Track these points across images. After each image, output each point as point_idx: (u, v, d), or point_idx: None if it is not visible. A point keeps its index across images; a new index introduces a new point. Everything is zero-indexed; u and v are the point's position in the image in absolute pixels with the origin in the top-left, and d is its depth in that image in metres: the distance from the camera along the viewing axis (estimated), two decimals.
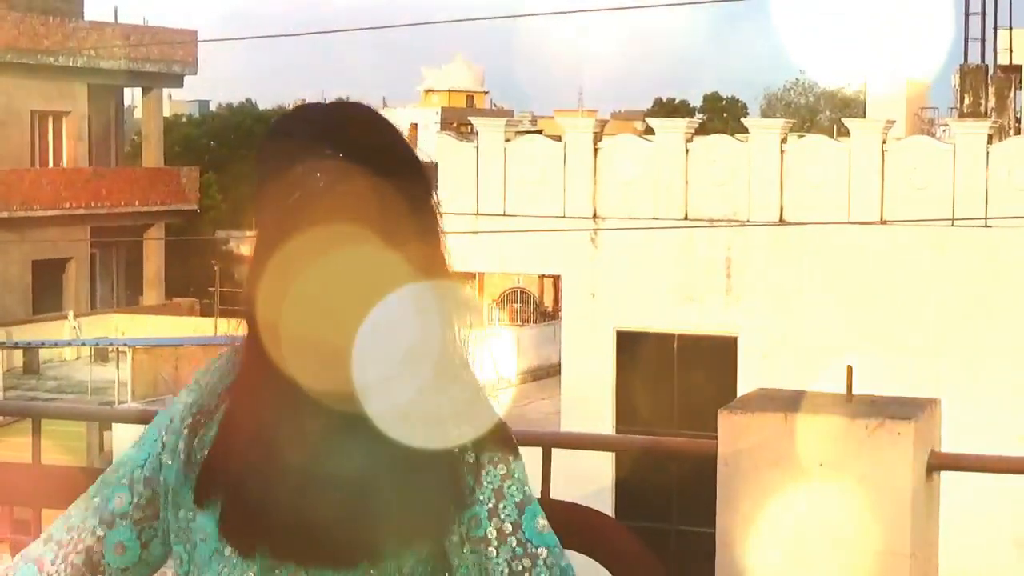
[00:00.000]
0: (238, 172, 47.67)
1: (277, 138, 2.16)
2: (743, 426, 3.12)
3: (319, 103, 2.26)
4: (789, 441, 3.08)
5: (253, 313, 2.10)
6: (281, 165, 2.10)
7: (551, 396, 31.35)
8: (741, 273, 22.26)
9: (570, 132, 23.69)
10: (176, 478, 2.14)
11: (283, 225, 2.07)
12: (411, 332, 2.13)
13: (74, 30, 44.48)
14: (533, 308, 54.19)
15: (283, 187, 2.08)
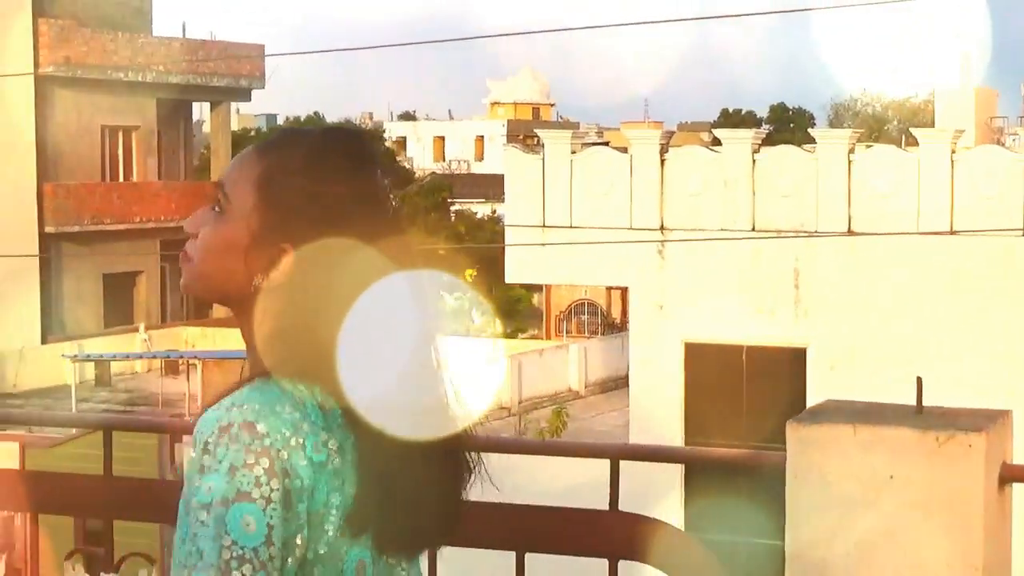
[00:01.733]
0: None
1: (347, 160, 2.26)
2: (812, 438, 3.11)
3: (346, 126, 2.42)
4: (858, 453, 3.07)
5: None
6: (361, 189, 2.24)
7: (619, 408, 31.30)
8: (809, 284, 22.15)
9: (636, 143, 23.66)
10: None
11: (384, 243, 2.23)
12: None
13: (143, 45, 44.86)
14: (600, 320, 54.14)
15: (371, 206, 2.23)
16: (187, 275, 2.28)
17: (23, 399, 35.76)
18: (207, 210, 2.27)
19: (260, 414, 2.12)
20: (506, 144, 28.92)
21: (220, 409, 2.14)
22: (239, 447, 2.09)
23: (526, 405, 35.82)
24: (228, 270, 2.22)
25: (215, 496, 2.07)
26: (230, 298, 2.26)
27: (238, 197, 2.24)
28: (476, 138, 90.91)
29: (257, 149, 2.29)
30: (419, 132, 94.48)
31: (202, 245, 2.25)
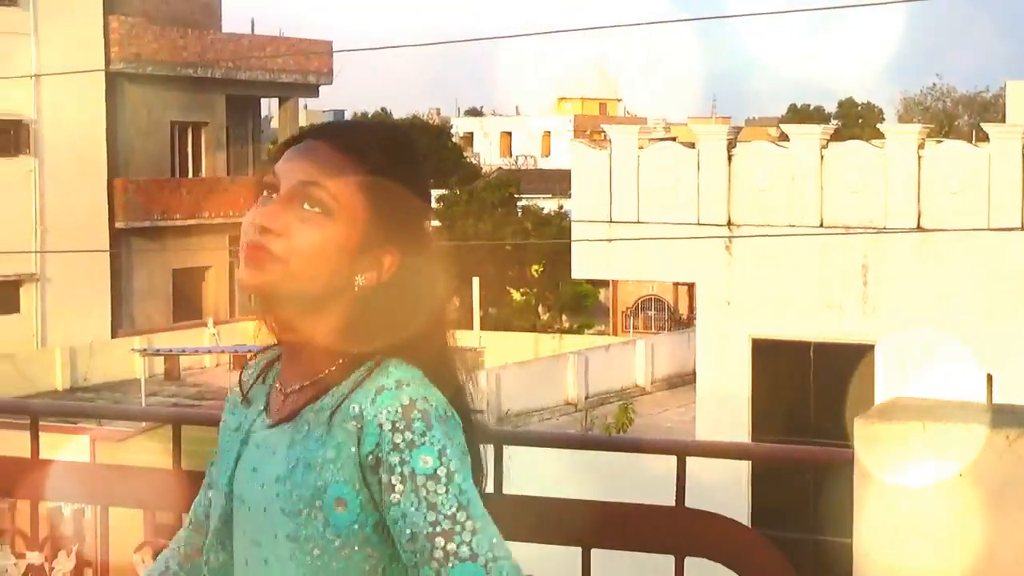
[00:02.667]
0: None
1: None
2: (880, 435, 3.09)
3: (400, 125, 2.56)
4: (927, 451, 3.05)
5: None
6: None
7: (686, 404, 31.23)
8: (878, 280, 22.02)
9: (704, 139, 23.60)
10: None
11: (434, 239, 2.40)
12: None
13: (212, 42, 45.14)
14: (667, 316, 54.03)
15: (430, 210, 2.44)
16: (274, 274, 2.26)
17: (93, 393, 36.08)
18: (299, 209, 2.27)
19: (429, 391, 2.25)
20: (573, 139, 28.91)
21: (392, 390, 2.23)
22: (434, 422, 2.21)
23: (592, 401, 35.80)
24: (332, 271, 2.27)
25: (437, 466, 2.19)
26: (317, 298, 2.29)
27: (345, 199, 2.28)
28: (543, 134, 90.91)
29: (343, 147, 2.32)
30: (486, 128, 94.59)
31: (304, 246, 2.26)
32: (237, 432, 2.41)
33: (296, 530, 2.23)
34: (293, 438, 2.29)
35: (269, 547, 2.27)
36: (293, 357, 2.36)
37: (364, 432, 2.22)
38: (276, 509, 2.25)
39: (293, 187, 2.28)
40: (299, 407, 2.31)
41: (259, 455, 2.33)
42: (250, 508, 2.30)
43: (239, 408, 2.45)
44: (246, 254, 2.28)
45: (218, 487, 2.40)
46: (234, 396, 2.47)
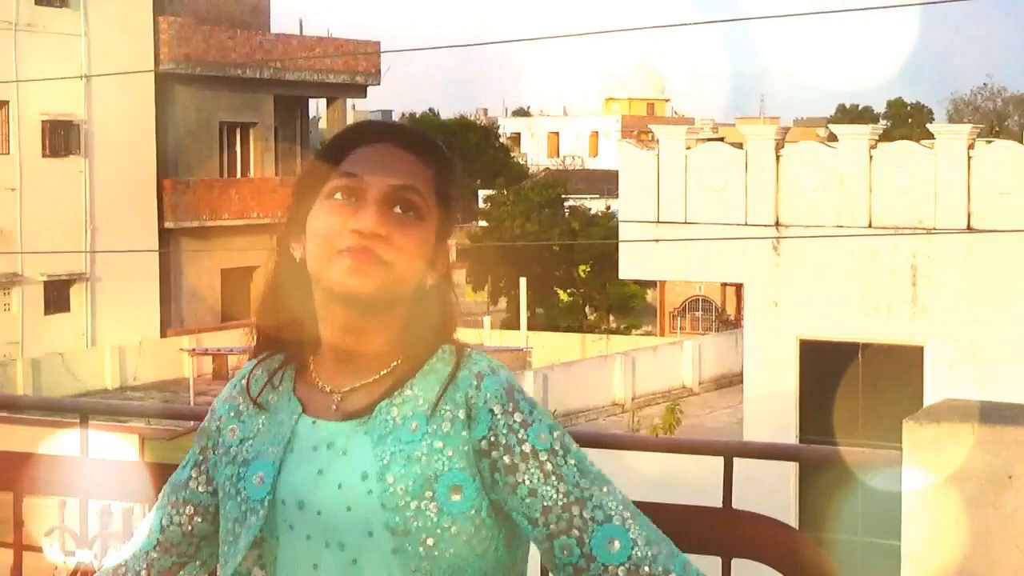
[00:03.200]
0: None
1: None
2: (929, 437, 3.08)
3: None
4: (977, 452, 3.03)
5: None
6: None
7: (733, 405, 31.18)
8: (927, 281, 21.91)
9: (752, 139, 23.53)
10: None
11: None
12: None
13: (261, 43, 45.32)
14: (715, 316, 53.92)
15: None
16: (382, 279, 2.28)
17: (142, 392, 36.30)
18: (391, 212, 2.29)
19: (510, 373, 2.35)
20: (620, 140, 28.87)
21: (491, 375, 2.31)
22: (532, 401, 2.32)
23: (639, 402, 35.79)
24: (419, 271, 2.33)
25: (552, 440, 2.28)
26: (400, 298, 2.34)
27: (429, 203, 2.34)
28: (591, 134, 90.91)
29: (415, 150, 2.36)
30: (533, 128, 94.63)
31: (406, 250, 2.29)
32: (254, 441, 2.36)
33: (404, 523, 2.23)
34: (375, 434, 2.29)
35: (359, 546, 2.25)
36: (342, 356, 2.35)
37: (475, 418, 2.27)
38: (371, 506, 2.24)
39: (387, 191, 2.30)
40: (373, 403, 2.31)
41: (322, 457, 2.30)
42: (320, 511, 2.26)
43: (248, 418, 2.40)
44: (356, 260, 2.26)
45: (245, 501, 2.32)
46: (227, 406, 2.43)
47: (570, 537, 2.23)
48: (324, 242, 2.28)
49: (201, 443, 2.46)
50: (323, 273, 2.28)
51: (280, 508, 2.30)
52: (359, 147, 2.35)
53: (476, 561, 2.26)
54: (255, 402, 2.40)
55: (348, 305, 2.29)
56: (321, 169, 2.34)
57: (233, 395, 2.44)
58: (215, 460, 2.42)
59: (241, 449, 2.37)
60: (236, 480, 2.35)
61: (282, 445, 2.33)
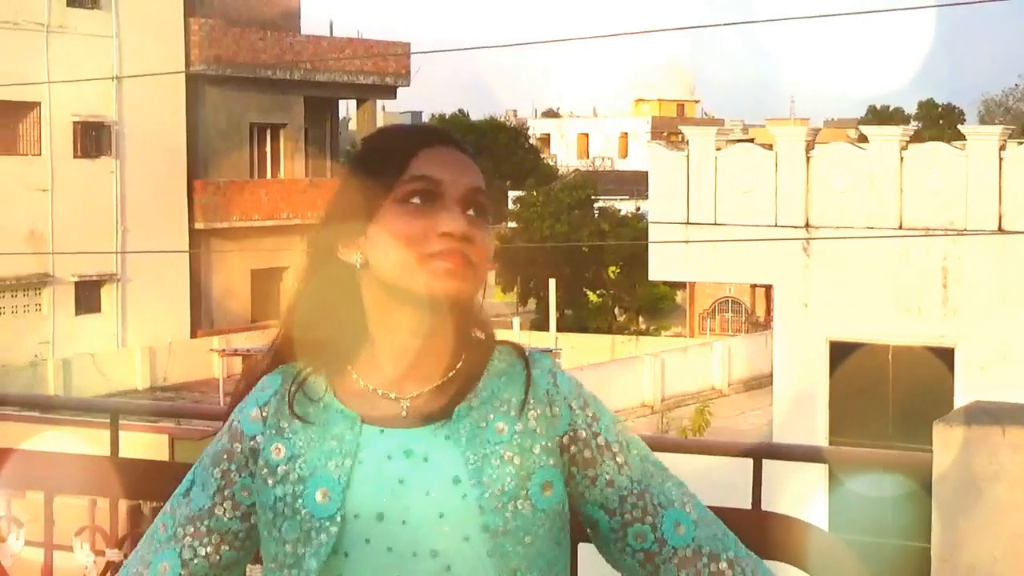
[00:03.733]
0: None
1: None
2: (959, 439, 3.07)
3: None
4: (1008, 455, 3.02)
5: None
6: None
7: (762, 407, 31.12)
8: (958, 283, 21.84)
9: (782, 140, 23.49)
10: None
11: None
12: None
13: (291, 44, 45.41)
14: (744, 318, 53.82)
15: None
16: (474, 282, 2.29)
17: (172, 392, 36.41)
18: (469, 215, 2.29)
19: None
20: (650, 141, 28.85)
21: (561, 372, 2.37)
22: (593, 394, 2.40)
23: (669, 403, 35.75)
24: (487, 272, 2.38)
25: (619, 432, 2.37)
26: (474, 299, 2.37)
27: (488, 203, 2.36)
28: (620, 135, 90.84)
29: (467, 153, 2.37)
30: (563, 129, 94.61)
31: (485, 250, 2.30)
32: (305, 458, 2.26)
33: (503, 524, 2.22)
34: (459, 437, 2.27)
35: (453, 552, 2.22)
36: (405, 361, 2.31)
37: (557, 415, 2.32)
38: (467, 510, 2.23)
39: (464, 194, 2.29)
40: (449, 406, 2.29)
41: (400, 465, 2.25)
42: (405, 521, 2.21)
43: (292, 434, 2.29)
44: (452, 263, 2.25)
45: (307, 520, 2.23)
46: (258, 425, 2.32)
47: (644, 524, 2.32)
48: (410, 246, 2.25)
49: (222, 467, 2.34)
50: (411, 278, 2.25)
51: (351, 523, 2.22)
52: (421, 151, 2.32)
53: (560, 554, 2.31)
54: (299, 417, 2.30)
55: (429, 308, 2.27)
56: (382, 173, 2.30)
57: (265, 412, 2.33)
58: (243, 483, 2.32)
59: (292, 467, 2.27)
60: (292, 499, 2.25)
61: (348, 458, 2.25)
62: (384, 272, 2.27)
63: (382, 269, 2.27)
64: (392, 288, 2.27)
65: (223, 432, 2.36)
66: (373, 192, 2.30)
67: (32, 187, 37.93)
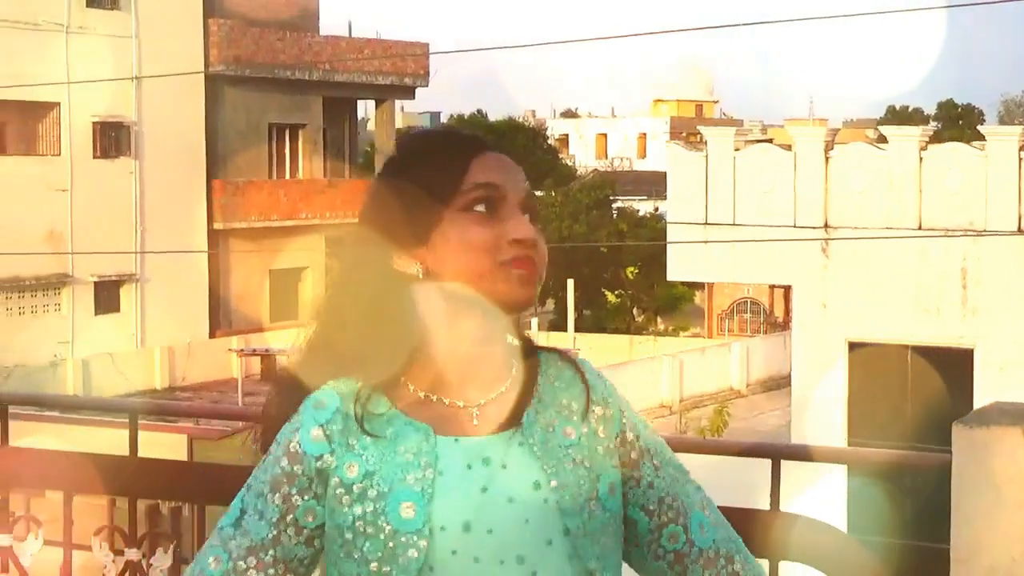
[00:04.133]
0: None
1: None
2: (979, 440, 3.06)
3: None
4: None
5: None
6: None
7: (781, 407, 31.09)
8: (977, 284, 21.79)
9: (801, 141, 23.46)
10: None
11: None
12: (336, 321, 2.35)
13: (309, 44, 45.45)
14: (763, 318, 53.73)
15: None
16: (537, 286, 2.29)
17: (191, 392, 36.46)
18: (533, 222, 2.29)
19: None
20: (669, 141, 28.84)
21: (602, 375, 2.39)
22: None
23: (687, 403, 35.73)
24: None
25: (652, 436, 2.41)
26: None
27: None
28: (639, 135, 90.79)
29: (512, 158, 2.37)
30: (581, 129, 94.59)
31: (545, 255, 2.29)
32: (381, 473, 2.21)
33: (583, 526, 2.24)
34: (533, 443, 2.27)
35: (539, 556, 2.22)
36: (468, 369, 2.29)
37: (611, 418, 2.35)
38: (549, 514, 2.23)
39: (523, 199, 2.29)
40: (517, 412, 2.29)
41: (480, 474, 2.23)
42: (491, 529, 2.20)
43: (363, 450, 2.23)
44: (526, 270, 2.25)
45: (392, 536, 2.19)
46: (322, 445, 2.24)
47: (677, 525, 2.35)
48: (481, 254, 2.23)
49: (283, 492, 2.24)
50: (485, 286, 2.23)
51: (438, 535, 2.19)
52: (474, 157, 2.30)
53: (620, 555, 2.34)
54: (369, 433, 2.24)
55: (492, 315, 2.26)
56: (441, 182, 2.27)
57: (328, 430, 2.24)
58: (306, 506, 2.24)
59: (369, 484, 2.21)
60: (374, 517, 2.19)
61: (428, 470, 2.21)
62: (452, 281, 2.24)
63: (450, 278, 2.24)
64: (459, 297, 2.25)
65: (278, 456, 2.26)
66: (431, 201, 2.26)
67: (51, 187, 38.02)
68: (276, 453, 2.26)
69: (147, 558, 4.12)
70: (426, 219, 2.26)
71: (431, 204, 2.26)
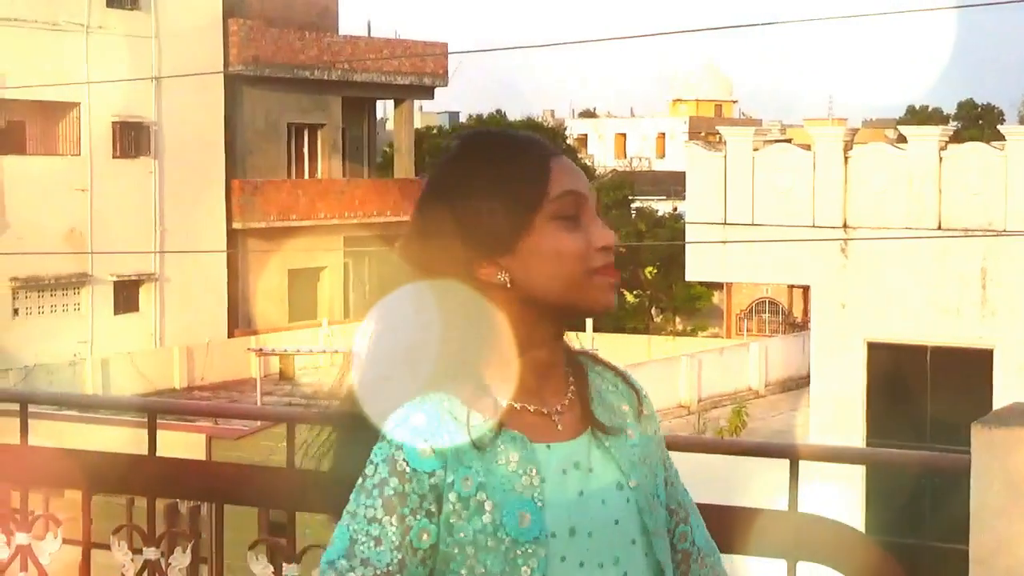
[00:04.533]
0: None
1: None
2: (998, 441, 3.05)
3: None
4: None
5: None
6: None
7: (800, 407, 31.03)
8: (997, 284, 21.73)
9: (820, 141, 23.42)
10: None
11: None
12: (411, 332, 2.23)
13: (329, 44, 45.49)
14: (782, 318, 53.68)
15: None
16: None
17: (210, 392, 36.52)
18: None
19: None
20: (688, 141, 28.81)
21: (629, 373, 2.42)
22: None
23: (705, 404, 35.68)
24: None
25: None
26: None
27: None
28: (658, 135, 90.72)
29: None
30: (600, 129, 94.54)
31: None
32: (490, 484, 2.16)
33: (655, 524, 2.29)
34: (606, 445, 2.28)
35: (628, 557, 2.25)
36: (541, 373, 2.27)
37: (652, 417, 2.39)
38: (632, 514, 2.26)
39: (596, 205, 2.28)
40: (586, 414, 2.29)
41: (574, 478, 2.23)
42: (591, 533, 2.21)
43: (471, 462, 2.16)
44: (614, 277, 2.25)
45: (511, 547, 2.15)
46: (434, 460, 2.15)
47: (687, 524, 2.41)
48: (574, 263, 2.21)
49: (398, 513, 2.14)
50: (577, 294, 2.22)
51: (551, 543, 2.17)
52: (552, 162, 2.27)
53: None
54: (475, 445, 2.18)
55: (567, 322, 2.28)
56: (526, 190, 2.23)
57: (435, 445, 2.16)
58: (420, 526, 2.14)
59: (484, 496, 2.15)
60: (494, 529, 2.15)
61: (534, 478, 2.18)
62: (542, 290, 2.22)
63: (539, 286, 2.22)
64: (545, 305, 2.23)
65: (384, 477, 2.15)
66: (520, 209, 2.23)
67: (71, 187, 38.10)
68: (380, 474, 2.15)
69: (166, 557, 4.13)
70: (513, 227, 2.22)
71: (520, 212, 2.22)
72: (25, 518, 4.18)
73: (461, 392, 2.19)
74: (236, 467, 4.17)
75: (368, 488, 2.15)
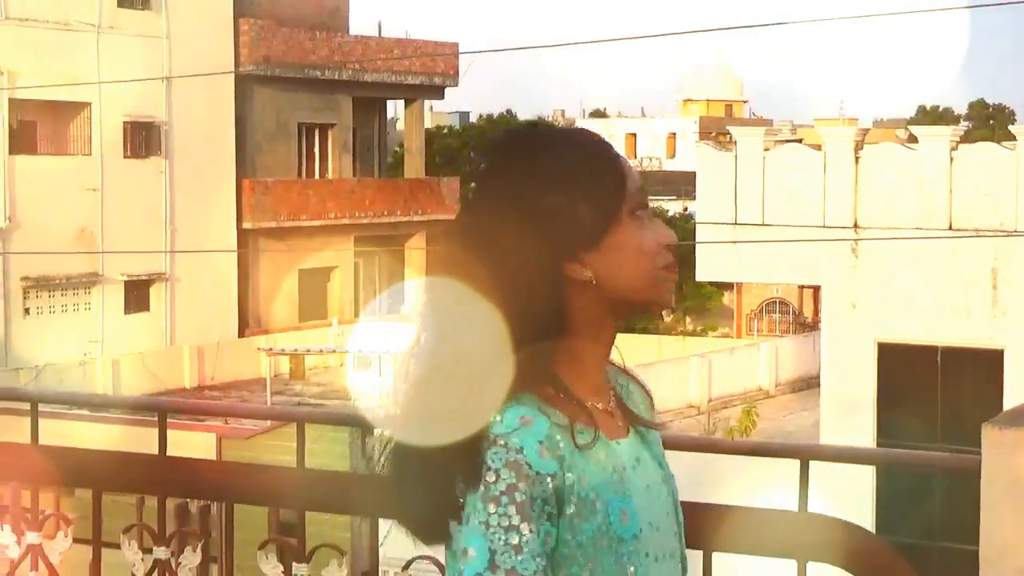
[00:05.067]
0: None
1: None
2: (1009, 442, 3.05)
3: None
4: None
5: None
6: None
7: (810, 408, 31.00)
8: (1008, 284, 21.69)
9: (830, 141, 23.38)
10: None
11: None
12: (477, 333, 2.16)
13: (339, 44, 45.54)
14: (792, 318, 53.63)
15: None
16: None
17: (220, 391, 36.57)
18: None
19: None
20: (698, 141, 28.79)
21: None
22: None
23: (715, 404, 35.68)
24: None
25: None
26: None
27: None
28: (668, 135, 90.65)
29: None
30: (611, 129, 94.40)
31: None
32: (592, 483, 2.15)
33: (682, 515, 2.35)
34: (649, 441, 2.34)
35: (678, 548, 2.31)
36: (599, 371, 2.28)
37: (656, 414, 2.40)
38: (675, 506, 2.32)
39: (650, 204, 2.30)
40: (626, 411, 2.32)
41: (638, 474, 2.24)
42: (658, 528, 2.23)
43: (576, 461, 2.14)
44: (676, 275, 2.28)
45: (619, 545, 2.15)
46: (550, 462, 2.10)
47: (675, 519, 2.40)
48: (650, 259, 2.23)
49: (532, 517, 2.09)
50: (650, 291, 2.24)
51: (642, 539, 2.19)
52: (619, 158, 2.29)
53: None
54: (578, 446, 2.15)
55: (629, 319, 2.36)
56: (608, 188, 2.23)
57: (551, 447, 2.12)
58: (546, 530, 2.09)
59: (595, 497, 2.14)
60: (607, 529, 2.14)
61: (621, 475, 2.19)
62: (621, 287, 2.22)
63: (621, 283, 2.21)
64: (623, 301, 2.23)
65: (512, 482, 2.09)
66: (608, 206, 2.22)
67: (82, 187, 38.17)
68: (506, 480, 2.08)
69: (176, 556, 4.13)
70: (598, 224, 2.20)
71: (606, 208, 2.22)
72: (36, 517, 4.19)
73: (544, 392, 2.16)
74: (246, 467, 4.18)
75: (495, 496, 2.08)
